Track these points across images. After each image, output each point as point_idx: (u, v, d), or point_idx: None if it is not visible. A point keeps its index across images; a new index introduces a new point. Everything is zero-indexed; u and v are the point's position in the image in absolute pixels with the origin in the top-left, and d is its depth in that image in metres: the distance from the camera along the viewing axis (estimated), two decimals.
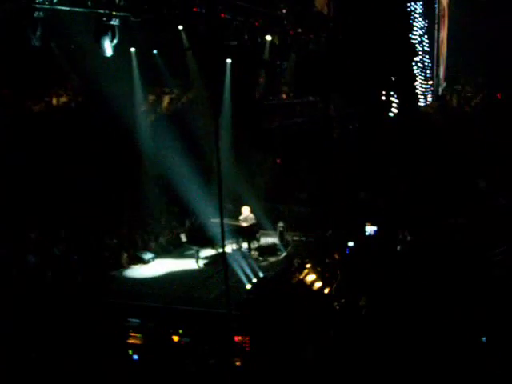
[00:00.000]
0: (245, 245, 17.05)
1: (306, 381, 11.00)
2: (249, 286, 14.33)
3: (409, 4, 28.92)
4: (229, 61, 20.16)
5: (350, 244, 17.17)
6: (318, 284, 14.52)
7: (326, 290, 14.29)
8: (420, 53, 30.28)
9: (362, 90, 23.03)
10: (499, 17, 26.41)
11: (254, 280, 14.64)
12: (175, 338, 12.49)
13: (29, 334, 11.51)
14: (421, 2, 30.26)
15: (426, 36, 30.83)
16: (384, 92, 26.04)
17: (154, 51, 19.08)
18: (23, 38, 12.00)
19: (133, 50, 18.34)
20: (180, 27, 17.16)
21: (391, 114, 26.46)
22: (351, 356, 11.28)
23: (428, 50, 31.13)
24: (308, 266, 15.35)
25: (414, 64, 28.50)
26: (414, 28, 29.79)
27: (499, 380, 10.60)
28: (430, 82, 31.27)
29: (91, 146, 17.57)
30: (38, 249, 15.06)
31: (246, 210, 16.98)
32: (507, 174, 19.77)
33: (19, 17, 11.81)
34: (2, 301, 12.02)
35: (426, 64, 31.02)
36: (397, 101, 26.48)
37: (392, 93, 25.83)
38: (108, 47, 13.33)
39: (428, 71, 31.16)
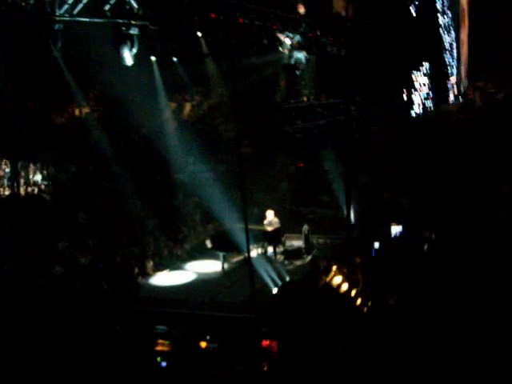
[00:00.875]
0: (270, 249, 17.02)
1: None
2: (275, 290, 14.29)
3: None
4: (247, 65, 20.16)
5: (376, 245, 17.02)
6: (345, 286, 14.41)
7: (353, 292, 14.17)
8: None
9: (384, 90, 22.90)
10: None
11: (281, 284, 14.60)
12: (203, 344, 12.47)
13: (57, 343, 11.57)
14: (441, 0, 30.06)
15: (446, 34, 30.58)
16: (406, 91, 25.93)
17: (174, 59, 19.14)
18: (44, 50, 12.14)
19: (153, 58, 18.42)
20: (199, 34, 17.19)
21: (413, 114, 26.31)
22: (383, 358, 11.13)
23: (448, 48, 30.88)
24: (334, 268, 15.25)
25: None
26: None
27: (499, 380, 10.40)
28: (452, 80, 30.98)
29: (115, 155, 17.70)
30: (66, 259, 15.17)
31: (270, 214, 16.95)
32: None
33: (40, 29, 11.93)
34: (30, 311, 12.14)
35: (447, 62, 30.76)
36: (419, 100, 26.34)
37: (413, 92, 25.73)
38: (128, 56, 13.35)
39: (449, 69, 30.88)
